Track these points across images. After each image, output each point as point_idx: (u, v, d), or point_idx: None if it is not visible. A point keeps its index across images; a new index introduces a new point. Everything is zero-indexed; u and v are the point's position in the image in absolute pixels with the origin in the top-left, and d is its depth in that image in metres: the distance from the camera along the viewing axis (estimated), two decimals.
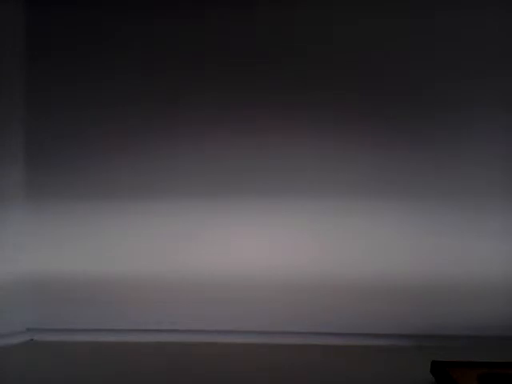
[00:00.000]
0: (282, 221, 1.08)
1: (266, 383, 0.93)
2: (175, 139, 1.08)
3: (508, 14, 1.06)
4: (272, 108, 1.07)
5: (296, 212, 1.08)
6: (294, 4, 1.06)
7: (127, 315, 1.09)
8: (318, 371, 0.96)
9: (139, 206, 1.08)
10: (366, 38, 1.06)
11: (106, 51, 1.07)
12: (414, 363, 0.97)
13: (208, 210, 1.08)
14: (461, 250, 1.08)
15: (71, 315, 1.09)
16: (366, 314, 1.08)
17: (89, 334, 1.08)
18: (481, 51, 1.06)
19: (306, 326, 1.09)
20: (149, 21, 1.06)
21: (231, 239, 1.09)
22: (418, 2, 1.06)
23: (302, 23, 1.06)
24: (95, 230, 1.09)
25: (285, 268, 1.08)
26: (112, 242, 1.09)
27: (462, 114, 1.07)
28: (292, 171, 1.08)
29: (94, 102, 1.07)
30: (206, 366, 0.98)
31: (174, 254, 1.09)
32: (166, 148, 1.08)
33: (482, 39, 1.06)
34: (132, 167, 1.08)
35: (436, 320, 1.08)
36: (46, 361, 1.00)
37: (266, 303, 1.08)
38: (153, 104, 1.07)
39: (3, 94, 1.05)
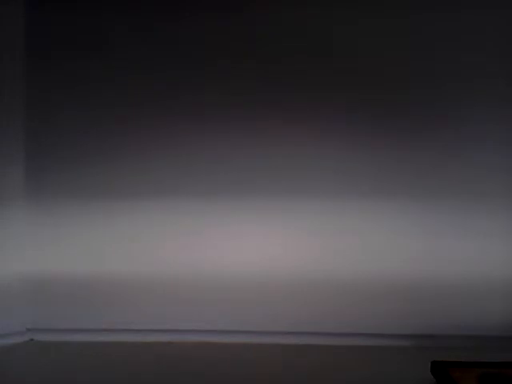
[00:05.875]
0: (282, 221, 1.08)
1: (266, 383, 0.93)
2: (175, 139, 1.08)
3: (508, 14, 1.06)
4: (272, 108, 1.07)
5: (296, 212, 1.08)
6: (294, 4, 1.06)
7: (127, 315, 1.09)
8: (318, 371, 0.96)
9: (139, 206, 1.08)
10: (366, 37, 1.06)
11: (106, 51, 1.07)
12: (414, 363, 0.97)
13: (208, 210, 1.08)
14: (461, 250, 1.08)
15: (71, 315, 1.09)
16: (366, 314, 1.08)
17: (89, 334, 1.08)
18: (481, 51, 1.06)
19: (305, 326, 1.09)
20: (149, 21, 1.06)
21: (231, 239, 1.09)
22: (418, 2, 1.06)
23: (302, 23, 1.06)
24: (95, 230, 1.09)
25: (285, 268, 1.08)
26: (112, 241, 1.09)
27: (462, 114, 1.07)
28: (292, 171, 1.08)
29: (94, 102, 1.07)
30: (206, 366, 0.98)
31: (174, 253, 1.09)
32: (166, 148, 1.08)
33: (482, 39, 1.06)
34: (132, 167, 1.08)
35: (436, 320, 1.08)
36: (46, 361, 1.00)
37: (266, 303, 1.08)
38: (153, 104, 1.07)
39: (3, 93, 1.05)
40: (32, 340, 1.09)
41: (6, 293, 1.06)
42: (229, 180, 1.08)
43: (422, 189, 1.08)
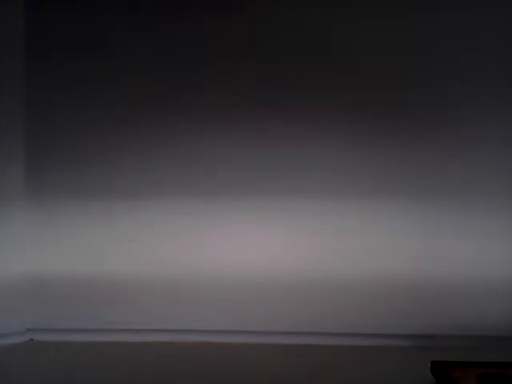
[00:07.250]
0: (282, 221, 1.08)
1: (266, 383, 0.93)
2: (175, 139, 1.08)
3: (508, 14, 1.06)
4: (272, 108, 1.07)
5: (296, 212, 1.08)
6: (294, 4, 1.06)
7: (127, 315, 1.09)
8: (318, 371, 0.96)
9: (139, 206, 1.08)
10: (366, 37, 1.06)
11: (106, 51, 1.07)
12: (414, 363, 0.97)
13: (208, 210, 1.08)
14: (461, 250, 1.08)
15: (71, 315, 1.09)
16: (366, 314, 1.08)
17: (89, 334, 1.08)
18: (481, 51, 1.06)
19: (305, 326, 1.09)
20: (149, 21, 1.06)
21: (232, 239, 1.09)
22: (418, 2, 1.06)
23: (302, 23, 1.06)
24: (95, 230, 1.09)
25: (285, 268, 1.08)
26: (112, 241, 1.09)
27: (462, 114, 1.07)
28: (292, 171, 1.08)
29: (94, 101, 1.07)
30: (206, 366, 0.98)
31: (174, 253, 1.09)
32: (166, 148, 1.08)
33: (482, 39, 1.06)
34: (132, 167, 1.08)
35: (436, 320, 1.08)
36: (46, 361, 1.00)
37: (266, 303, 1.08)
38: (153, 104, 1.07)
39: (3, 93, 1.05)
40: (32, 340, 1.09)
41: (6, 293, 1.06)
42: (229, 180, 1.08)
43: (422, 189, 1.08)
